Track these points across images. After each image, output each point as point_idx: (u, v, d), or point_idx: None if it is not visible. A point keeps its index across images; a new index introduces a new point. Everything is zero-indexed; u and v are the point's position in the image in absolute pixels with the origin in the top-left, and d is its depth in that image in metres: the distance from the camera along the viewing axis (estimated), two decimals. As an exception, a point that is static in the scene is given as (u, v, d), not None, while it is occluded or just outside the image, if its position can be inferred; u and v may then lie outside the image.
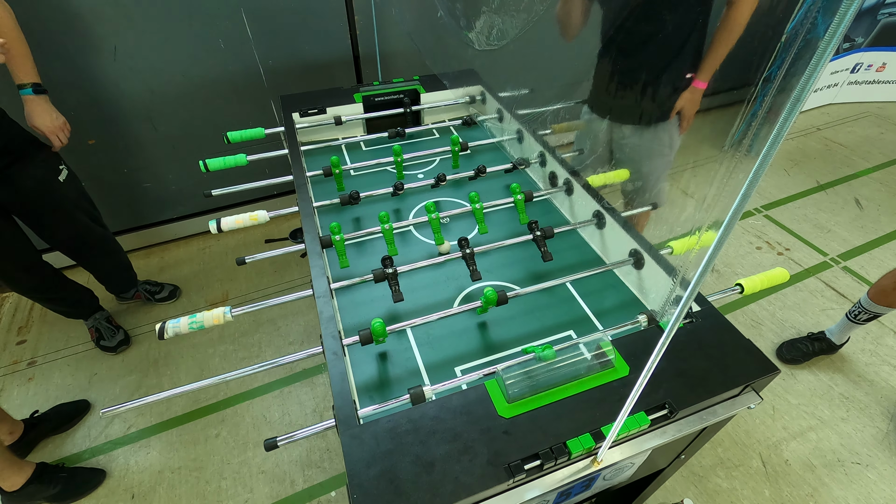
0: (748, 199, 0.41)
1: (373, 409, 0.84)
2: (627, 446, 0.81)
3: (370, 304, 1.14)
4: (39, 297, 1.89)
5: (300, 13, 2.18)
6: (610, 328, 0.99)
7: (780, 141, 0.37)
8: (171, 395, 0.88)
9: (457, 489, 0.70)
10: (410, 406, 0.82)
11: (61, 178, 1.69)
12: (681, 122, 1.54)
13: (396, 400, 0.85)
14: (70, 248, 1.89)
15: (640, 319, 0.99)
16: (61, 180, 1.69)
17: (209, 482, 1.66)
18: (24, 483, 1.48)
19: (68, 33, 1.87)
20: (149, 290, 2.24)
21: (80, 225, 1.82)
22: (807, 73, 0.34)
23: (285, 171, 1.43)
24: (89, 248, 1.92)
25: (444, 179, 1.41)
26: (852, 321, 1.85)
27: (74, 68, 1.93)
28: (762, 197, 2.92)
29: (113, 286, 2.18)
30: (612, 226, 1.21)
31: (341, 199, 1.33)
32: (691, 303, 0.63)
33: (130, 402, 0.86)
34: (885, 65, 3.63)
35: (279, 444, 0.81)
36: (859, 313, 1.82)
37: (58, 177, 1.68)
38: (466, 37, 1.52)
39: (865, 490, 1.62)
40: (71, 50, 1.90)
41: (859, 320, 1.83)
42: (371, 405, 0.85)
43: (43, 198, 1.66)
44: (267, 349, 2.08)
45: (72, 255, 1.92)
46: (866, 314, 1.80)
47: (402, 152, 1.45)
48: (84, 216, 1.83)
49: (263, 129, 1.58)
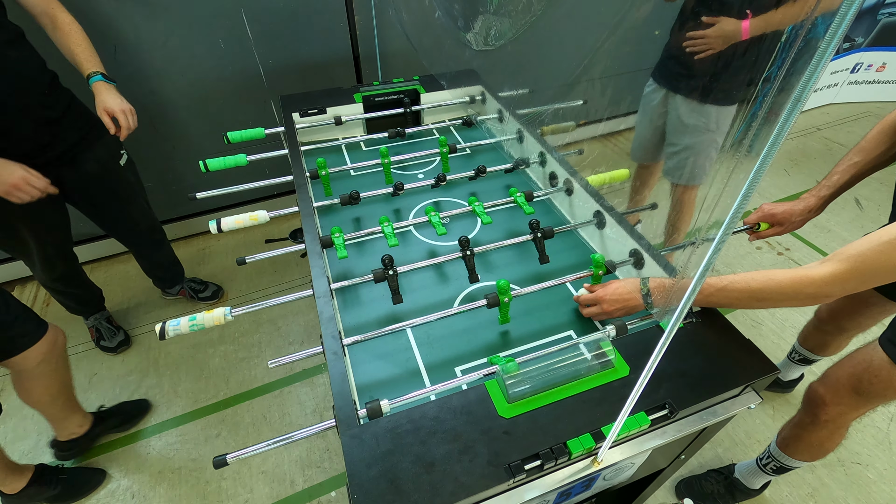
0: (748, 199, 0.41)
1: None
2: (627, 446, 0.81)
3: (370, 304, 1.14)
4: (60, 288, 1.89)
5: (300, 13, 2.18)
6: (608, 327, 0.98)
7: (780, 141, 0.37)
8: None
9: (457, 489, 0.70)
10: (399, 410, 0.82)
11: (122, 163, 1.70)
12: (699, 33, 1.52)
13: (398, 400, 0.85)
14: (127, 234, 1.91)
15: (609, 330, 0.96)
16: (122, 164, 1.70)
17: (209, 482, 1.66)
18: (25, 486, 1.48)
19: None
20: (193, 287, 2.25)
21: (138, 211, 1.84)
22: (807, 73, 0.34)
23: (285, 171, 1.43)
24: (145, 236, 1.93)
25: (444, 179, 1.41)
26: (761, 468, 1.47)
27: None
28: (762, 197, 2.92)
29: (161, 279, 2.18)
30: (612, 226, 1.21)
31: (341, 199, 1.33)
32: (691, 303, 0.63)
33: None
34: (885, 65, 3.63)
35: (228, 462, 0.81)
36: (768, 461, 1.43)
37: (119, 161, 1.69)
38: (464, 37, 1.52)
39: (865, 490, 1.62)
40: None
41: (767, 469, 1.44)
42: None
43: (104, 181, 1.67)
44: (267, 349, 2.08)
45: (127, 243, 1.95)
46: (774, 462, 1.40)
47: (390, 154, 1.44)
48: (142, 202, 1.86)
49: (263, 130, 1.58)
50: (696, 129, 1.74)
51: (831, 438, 1.25)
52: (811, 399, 1.24)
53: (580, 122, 1.92)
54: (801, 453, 1.32)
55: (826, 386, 1.20)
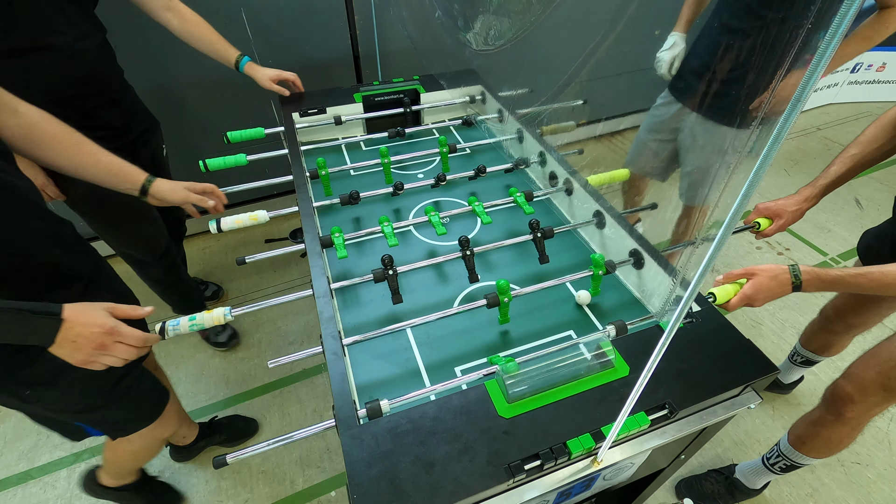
0: (748, 199, 0.41)
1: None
2: (627, 446, 0.81)
3: (370, 304, 1.14)
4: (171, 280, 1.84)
5: (300, 13, 2.18)
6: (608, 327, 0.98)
7: (780, 141, 0.37)
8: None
9: (457, 489, 0.70)
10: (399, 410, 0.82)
11: (164, 154, 1.70)
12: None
13: (398, 400, 0.85)
14: (173, 225, 1.87)
15: (609, 330, 0.95)
16: (164, 155, 1.70)
17: (209, 482, 1.66)
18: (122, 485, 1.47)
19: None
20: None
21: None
22: (807, 73, 0.34)
23: (285, 171, 1.43)
24: (173, 228, 1.89)
25: (444, 179, 1.41)
26: (768, 468, 1.46)
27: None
28: (762, 197, 2.91)
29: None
30: (612, 226, 1.21)
31: (341, 199, 1.33)
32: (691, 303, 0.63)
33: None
34: (885, 65, 3.63)
35: (228, 462, 0.81)
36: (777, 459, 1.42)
37: (163, 153, 1.69)
38: (464, 37, 1.52)
39: (865, 490, 1.62)
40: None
41: (776, 468, 1.43)
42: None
43: (159, 168, 1.65)
44: (267, 349, 2.08)
45: (174, 235, 1.90)
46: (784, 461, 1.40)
47: (390, 154, 1.44)
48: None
49: (263, 129, 1.57)
50: (713, 150, 1.64)
51: (850, 435, 1.27)
52: (837, 397, 1.25)
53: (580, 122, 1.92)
54: (816, 451, 1.32)
55: (854, 384, 1.21)
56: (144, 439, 1.24)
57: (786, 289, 0.97)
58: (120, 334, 0.86)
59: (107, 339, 0.84)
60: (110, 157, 1.08)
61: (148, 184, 1.13)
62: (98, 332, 0.83)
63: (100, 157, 1.06)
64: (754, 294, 0.97)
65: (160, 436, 1.28)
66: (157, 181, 1.15)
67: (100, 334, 0.83)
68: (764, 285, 0.97)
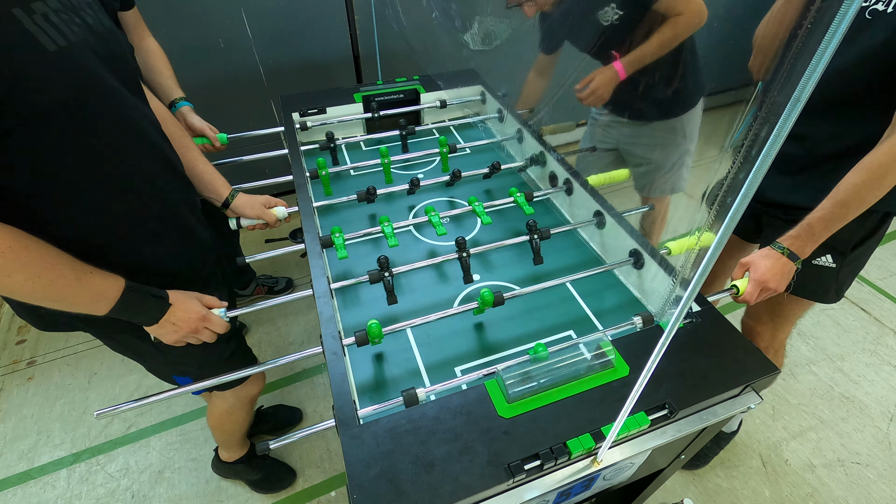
0: (748, 199, 0.41)
1: (373, 409, 0.84)
2: (627, 446, 0.81)
3: (370, 304, 1.14)
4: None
5: (300, 13, 2.18)
6: (609, 328, 0.98)
7: (780, 141, 0.37)
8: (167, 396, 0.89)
9: (457, 489, 0.70)
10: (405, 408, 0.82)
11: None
12: (586, 92, 1.49)
13: (397, 400, 0.85)
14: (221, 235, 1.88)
15: (636, 321, 0.98)
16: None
17: (209, 482, 1.66)
18: (237, 459, 1.54)
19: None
20: (264, 282, 2.26)
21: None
22: (806, 73, 0.34)
23: (285, 171, 1.44)
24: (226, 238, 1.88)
25: (460, 176, 1.41)
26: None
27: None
28: (762, 197, 2.92)
29: (237, 280, 2.15)
30: (612, 226, 1.21)
31: (358, 195, 1.33)
32: (691, 303, 0.62)
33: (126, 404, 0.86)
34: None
35: (272, 448, 0.82)
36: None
37: None
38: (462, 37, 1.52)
39: (865, 490, 1.62)
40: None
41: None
42: (371, 405, 0.85)
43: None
44: (267, 349, 2.08)
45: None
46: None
47: (390, 154, 1.44)
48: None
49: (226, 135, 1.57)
50: (664, 144, 1.69)
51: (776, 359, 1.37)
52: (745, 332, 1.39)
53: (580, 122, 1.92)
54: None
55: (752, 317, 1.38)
56: (237, 397, 1.32)
57: (783, 261, 0.99)
58: (210, 321, 0.98)
59: (199, 324, 0.96)
60: (207, 165, 1.18)
61: (231, 198, 1.22)
62: (194, 317, 0.94)
63: (197, 164, 1.16)
64: (762, 277, 0.98)
65: (250, 393, 1.34)
66: (239, 196, 1.23)
67: (195, 320, 0.95)
68: (765, 266, 0.99)
